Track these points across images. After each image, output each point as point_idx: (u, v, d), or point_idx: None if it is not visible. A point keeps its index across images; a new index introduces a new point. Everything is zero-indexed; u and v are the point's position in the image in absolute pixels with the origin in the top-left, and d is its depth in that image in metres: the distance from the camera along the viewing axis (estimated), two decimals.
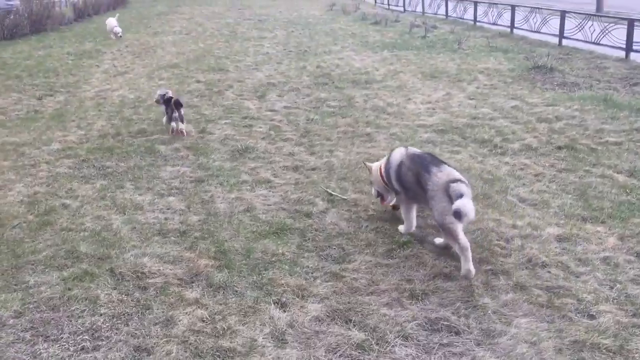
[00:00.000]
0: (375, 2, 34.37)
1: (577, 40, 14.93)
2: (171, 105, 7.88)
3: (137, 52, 16.32)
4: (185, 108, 8.24)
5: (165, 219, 5.35)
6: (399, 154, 4.93)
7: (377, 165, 5.23)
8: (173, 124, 7.92)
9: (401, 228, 5.03)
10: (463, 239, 4.28)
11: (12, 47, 17.41)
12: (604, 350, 3.46)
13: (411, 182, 4.67)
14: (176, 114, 7.85)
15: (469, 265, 4.24)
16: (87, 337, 3.62)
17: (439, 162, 4.63)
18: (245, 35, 19.87)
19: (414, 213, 4.99)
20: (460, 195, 4.13)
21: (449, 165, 4.59)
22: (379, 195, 5.32)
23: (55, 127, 8.59)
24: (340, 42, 17.64)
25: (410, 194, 4.79)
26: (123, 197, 5.87)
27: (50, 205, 5.68)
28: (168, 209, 5.58)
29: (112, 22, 19.42)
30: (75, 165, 6.89)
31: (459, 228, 4.29)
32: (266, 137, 7.89)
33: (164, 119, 8.25)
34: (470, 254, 4.25)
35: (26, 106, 10.08)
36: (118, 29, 18.97)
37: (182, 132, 7.91)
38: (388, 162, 5.00)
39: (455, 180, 4.30)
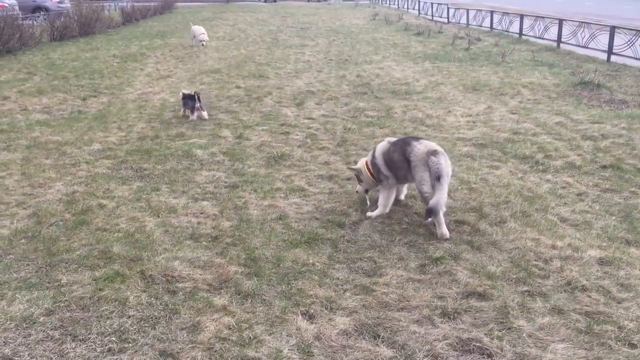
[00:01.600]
0: (419, 13, 34.18)
1: (626, 56, 14.47)
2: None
3: (180, 57, 16.60)
4: (223, 113, 8.54)
5: (198, 223, 5.36)
6: (383, 145, 5.54)
7: (362, 164, 5.70)
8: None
9: (373, 213, 5.52)
10: None
11: (61, 49, 17.95)
12: None
13: (399, 160, 5.24)
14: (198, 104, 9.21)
15: (442, 229, 5.01)
16: (114, 338, 3.64)
17: (418, 138, 5.44)
18: (287, 43, 20.01)
19: (392, 199, 5.60)
20: (438, 176, 4.85)
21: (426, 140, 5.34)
22: (366, 191, 5.82)
23: (97, 128, 8.76)
24: (382, 52, 17.58)
25: (400, 173, 5.33)
26: (158, 199, 5.92)
27: (87, 205, 5.77)
28: (201, 213, 5.59)
29: (199, 29, 19.41)
30: (114, 166, 7.00)
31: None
32: (302, 145, 7.87)
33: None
34: (442, 219, 4.99)
35: (71, 106, 10.35)
36: (205, 37, 19.09)
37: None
38: (374, 156, 5.54)
39: (434, 152, 4.97)
